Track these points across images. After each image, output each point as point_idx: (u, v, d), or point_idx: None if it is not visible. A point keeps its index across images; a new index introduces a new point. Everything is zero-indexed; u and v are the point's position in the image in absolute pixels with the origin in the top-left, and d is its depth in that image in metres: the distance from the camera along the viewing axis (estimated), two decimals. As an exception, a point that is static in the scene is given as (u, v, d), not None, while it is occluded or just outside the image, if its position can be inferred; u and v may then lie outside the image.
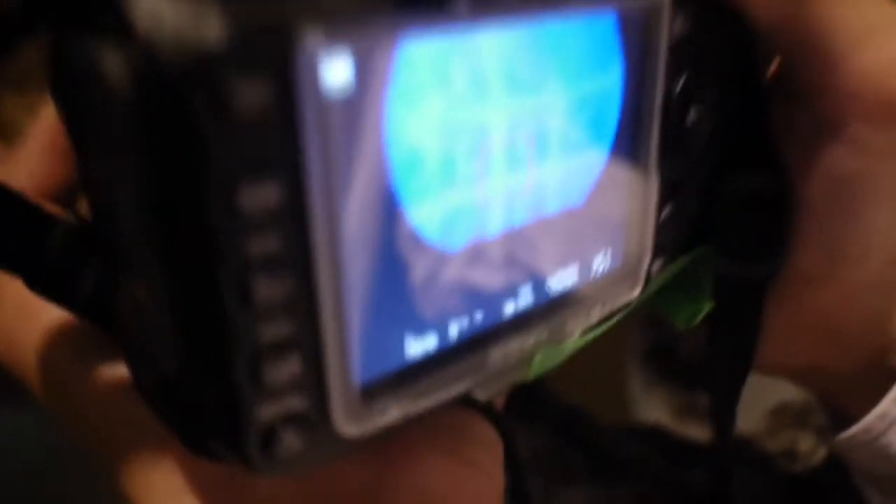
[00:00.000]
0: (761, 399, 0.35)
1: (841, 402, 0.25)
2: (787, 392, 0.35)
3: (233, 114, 0.11)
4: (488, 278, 0.15)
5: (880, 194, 0.19)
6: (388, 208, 0.13)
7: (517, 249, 0.15)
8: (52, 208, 0.16)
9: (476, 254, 0.15)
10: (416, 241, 0.14)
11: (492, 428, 0.18)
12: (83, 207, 0.21)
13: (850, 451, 0.24)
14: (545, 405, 0.36)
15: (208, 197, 0.11)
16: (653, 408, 0.38)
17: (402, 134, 0.13)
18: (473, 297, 0.15)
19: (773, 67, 0.20)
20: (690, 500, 0.33)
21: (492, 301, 0.15)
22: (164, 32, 0.10)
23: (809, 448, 0.34)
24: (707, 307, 0.22)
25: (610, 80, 0.16)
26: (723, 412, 0.25)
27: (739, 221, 0.21)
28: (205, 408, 0.13)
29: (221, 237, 0.11)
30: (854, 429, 0.23)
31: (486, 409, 0.18)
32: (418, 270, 0.14)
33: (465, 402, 0.17)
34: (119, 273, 0.13)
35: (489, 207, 0.14)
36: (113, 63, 0.11)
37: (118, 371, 0.16)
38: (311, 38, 0.11)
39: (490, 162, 0.14)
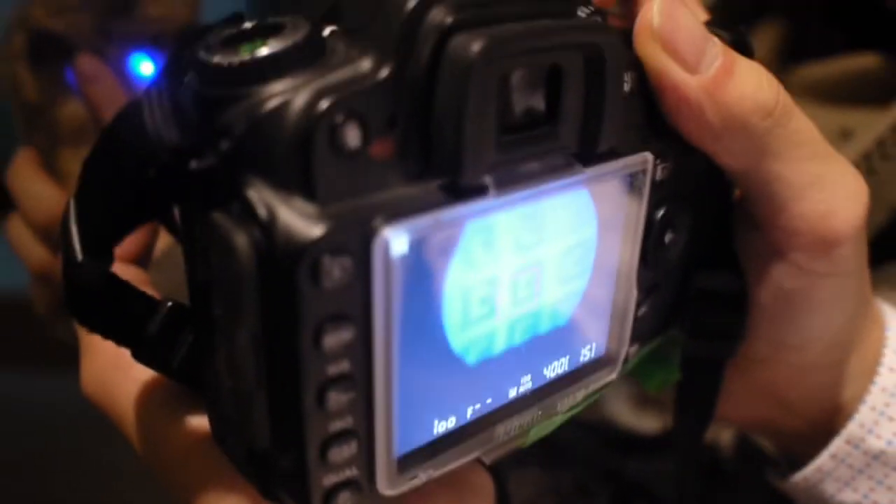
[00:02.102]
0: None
1: (792, 452, 0.30)
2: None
3: (324, 284, 0.15)
4: (498, 379, 0.20)
5: (816, 303, 0.24)
6: (433, 336, 0.18)
7: (519, 359, 0.20)
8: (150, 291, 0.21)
9: (487, 364, 0.19)
10: (441, 373, 0.18)
11: (487, 474, 0.23)
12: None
13: (791, 493, 0.29)
14: None
15: (301, 339, 0.16)
16: (616, 399, 0.44)
17: (442, 285, 0.17)
18: (485, 389, 0.20)
19: (738, 193, 0.25)
20: (622, 487, 0.39)
21: (499, 389, 0.20)
22: (278, 223, 0.15)
23: (728, 439, 0.39)
24: (675, 377, 0.27)
25: (587, 232, 0.20)
26: (684, 460, 0.30)
27: (705, 312, 0.25)
28: (282, 472, 0.18)
29: (307, 366, 0.16)
30: (795, 477, 0.28)
31: (483, 461, 0.23)
32: (447, 377, 0.19)
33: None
34: (216, 359, 0.18)
35: (497, 334, 0.19)
36: (241, 241, 0.15)
37: (199, 421, 0.21)
38: (382, 230, 0.16)
39: (498, 302, 0.19)
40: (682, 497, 0.34)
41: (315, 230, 0.15)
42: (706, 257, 0.25)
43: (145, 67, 0.42)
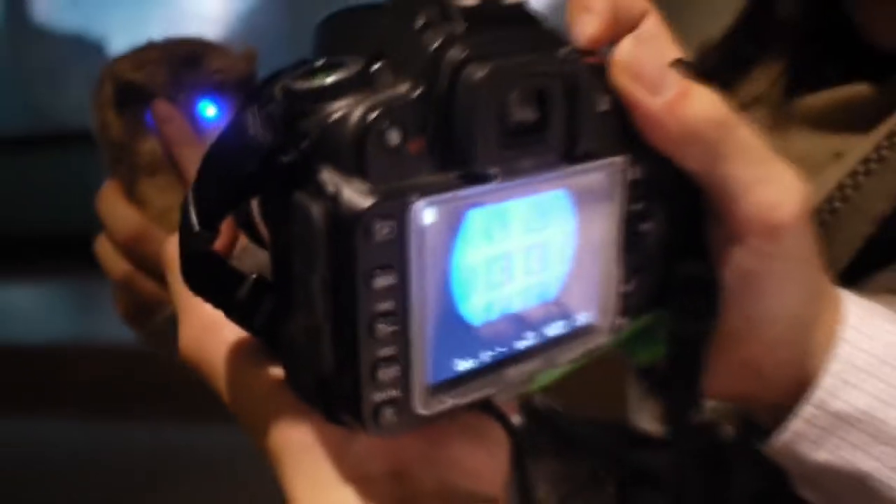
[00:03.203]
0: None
1: (772, 422, 0.36)
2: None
3: (375, 240, 0.22)
4: (507, 333, 0.26)
5: (772, 282, 0.30)
6: (447, 297, 0.24)
7: (526, 319, 0.27)
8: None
9: (500, 323, 0.26)
10: (461, 321, 0.25)
11: (503, 431, 0.29)
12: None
13: (776, 457, 0.35)
14: (527, 404, 0.49)
15: (358, 281, 0.22)
16: (644, 414, 0.50)
17: (459, 254, 0.24)
18: (496, 340, 0.26)
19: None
20: (631, 475, 0.45)
21: (508, 342, 0.27)
22: (342, 197, 0.22)
23: (730, 432, 0.45)
24: (661, 352, 0.33)
25: (568, 222, 0.27)
26: (678, 430, 0.36)
27: (685, 294, 0.32)
28: (342, 394, 0.24)
29: (361, 302, 0.23)
30: (776, 441, 0.34)
31: (502, 419, 0.29)
32: (464, 328, 0.25)
33: (488, 411, 0.28)
34: (292, 313, 0.24)
35: (511, 300, 0.26)
36: (316, 210, 0.22)
37: (276, 371, 0.28)
38: (415, 203, 0.22)
39: (512, 275, 0.25)
40: (682, 478, 0.40)
41: (368, 201, 0.22)
42: (684, 248, 0.31)
43: (210, 111, 0.50)
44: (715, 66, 0.57)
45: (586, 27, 0.29)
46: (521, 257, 0.26)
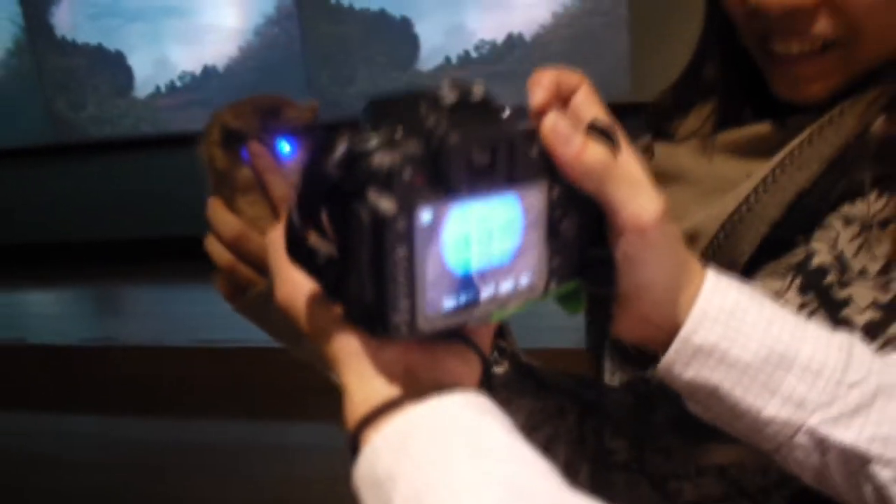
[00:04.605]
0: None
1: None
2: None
3: (398, 230, 0.42)
4: (475, 286, 0.46)
5: (645, 262, 0.49)
6: (438, 260, 0.44)
7: (488, 278, 0.46)
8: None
9: (472, 279, 0.46)
10: (447, 277, 0.45)
11: (477, 356, 0.49)
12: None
13: (662, 377, 0.54)
14: (513, 358, 0.68)
15: (386, 252, 0.42)
16: (611, 377, 0.69)
17: (448, 236, 0.44)
18: (468, 290, 0.46)
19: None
20: (586, 408, 0.64)
21: (475, 292, 0.46)
22: (380, 206, 0.42)
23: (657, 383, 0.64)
24: (583, 307, 0.52)
25: (516, 216, 0.47)
26: (596, 358, 0.55)
27: (593, 269, 0.51)
28: (378, 317, 0.44)
29: (388, 264, 0.42)
30: (660, 365, 0.53)
31: (476, 347, 0.49)
32: (448, 281, 0.45)
33: (468, 343, 0.48)
34: (348, 274, 0.44)
35: (477, 264, 0.46)
36: (364, 214, 0.42)
37: (336, 310, 0.47)
38: (420, 208, 0.42)
39: (473, 246, 0.45)
40: (621, 407, 0.59)
41: (393, 209, 0.42)
42: (593, 239, 0.51)
43: (286, 148, 0.71)
44: (667, 106, 0.77)
45: (537, 97, 0.49)
46: (480, 240, 0.46)
